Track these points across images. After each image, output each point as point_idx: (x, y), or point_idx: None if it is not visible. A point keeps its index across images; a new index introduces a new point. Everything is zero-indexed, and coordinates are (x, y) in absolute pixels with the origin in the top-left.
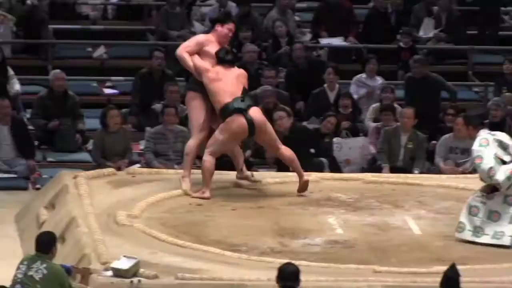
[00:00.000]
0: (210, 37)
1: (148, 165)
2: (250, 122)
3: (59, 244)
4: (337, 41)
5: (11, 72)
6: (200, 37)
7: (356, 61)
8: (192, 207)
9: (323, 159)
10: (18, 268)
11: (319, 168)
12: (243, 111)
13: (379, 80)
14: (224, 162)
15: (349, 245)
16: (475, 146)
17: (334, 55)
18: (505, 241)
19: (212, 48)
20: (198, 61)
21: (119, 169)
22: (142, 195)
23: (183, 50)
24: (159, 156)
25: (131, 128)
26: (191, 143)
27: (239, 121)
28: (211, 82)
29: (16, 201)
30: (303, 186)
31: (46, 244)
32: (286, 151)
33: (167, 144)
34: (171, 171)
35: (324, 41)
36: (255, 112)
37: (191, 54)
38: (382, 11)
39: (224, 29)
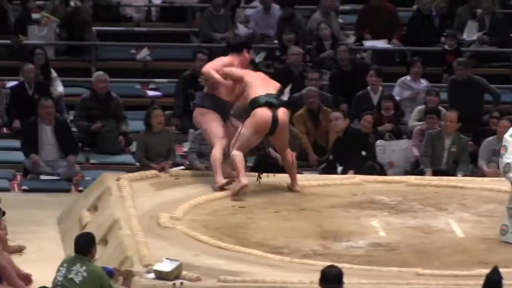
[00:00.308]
0: (233, 60)
1: (190, 165)
2: (275, 119)
3: (101, 246)
4: (381, 44)
5: (54, 74)
6: (225, 59)
7: (400, 63)
8: (234, 209)
9: (376, 164)
10: (58, 271)
11: (372, 171)
12: (272, 106)
13: (424, 83)
14: (268, 165)
15: (392, 248)
16: (507, 135)
17: (378, 58)
18: None
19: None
20: (234, 71)
21: (162, 170)
22: (184, 197)
23: (210, 68)
24: (203, 157)
25: (174, 130)
26: (215, 152)
27: (265, 113)
28: (249, 79)
29: (58, 203)
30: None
31: (84, 245)
32: (291, 155)
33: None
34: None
35: (368, 43)
36: (281, 112)
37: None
38: (426, 13)
39: (249, 56)
